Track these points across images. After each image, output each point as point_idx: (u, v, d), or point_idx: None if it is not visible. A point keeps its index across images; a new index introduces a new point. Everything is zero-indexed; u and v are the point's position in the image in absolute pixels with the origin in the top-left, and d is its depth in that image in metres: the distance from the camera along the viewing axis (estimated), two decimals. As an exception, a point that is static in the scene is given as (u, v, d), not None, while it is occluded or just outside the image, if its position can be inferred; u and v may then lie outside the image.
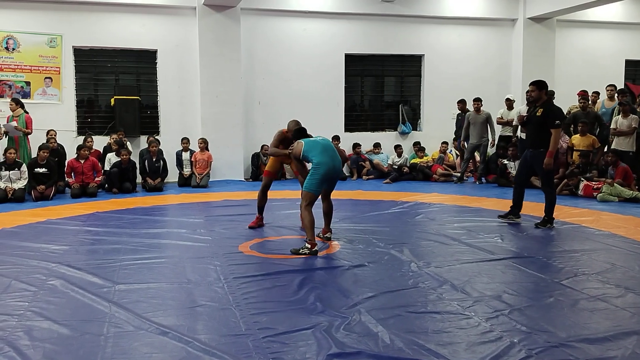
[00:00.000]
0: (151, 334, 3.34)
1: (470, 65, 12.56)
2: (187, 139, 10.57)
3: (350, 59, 12.04)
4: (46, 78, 10.38)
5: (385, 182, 10.67)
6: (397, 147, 11.68)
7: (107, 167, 9.61)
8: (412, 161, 11.47)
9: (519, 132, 9.79)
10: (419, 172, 11.07)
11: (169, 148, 10.55)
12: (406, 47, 12.33)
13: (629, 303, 3.85)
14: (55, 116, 10.25)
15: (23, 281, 4.38)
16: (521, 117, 6.87)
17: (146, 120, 10.99)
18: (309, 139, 5.55)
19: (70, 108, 10.58)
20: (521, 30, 12.51)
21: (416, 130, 12.60)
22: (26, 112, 9.36)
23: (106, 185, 9.52)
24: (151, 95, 11.08)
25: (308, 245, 5.18)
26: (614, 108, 9.64)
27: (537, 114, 6.30)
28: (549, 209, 6.41)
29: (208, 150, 10.50)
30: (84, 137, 9.94)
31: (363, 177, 11.33)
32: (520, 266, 4.82)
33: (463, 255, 5.18)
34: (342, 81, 11.97)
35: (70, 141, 10.20)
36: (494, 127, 10.52)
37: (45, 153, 8.78)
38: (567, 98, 11.06)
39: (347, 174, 11.38)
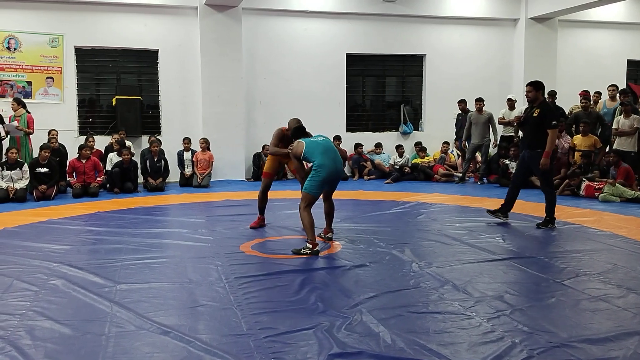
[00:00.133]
0: (152, 334, 3.35)
1: (471, 65, 12.55)
2: (189, 139, 10.57)
3: (351, 59, 12.04)
4: (48, 78, 10.39)
5: (386, 182, 10.67)
6: (399, 147, 11.68)
7: (109, 167, 9.62)
8: (414, 161, 11.47)
9: (520, 133, 9.78)
10: (421, 172, 11.06)
11: (171, 148, 10.55)
12: (408, 47, 12.33)
13: (631, 303, 3.85)
14: (56, 116, 10.26)
15: (25, 281, 4.38)
16: (518, 118, 6.88)
17: (148, 120, 11.01)
18: (310, 140, 5.50)
19: (71, 108, 10.59)
20: (523, 30, 12.50)
21: (417, 130, 12.60)
22: (28, 112, 9.38)
23: (108, 185, 9.54)
24: (153, 95, 11.09)
25: (309, 245, 5.18)
26: (616, 108, 9.63)
27: (534, 115, 6.31)
28: (550, 209, 6.40)
29: (209, 150, 10.50)
30: (86, 137, 9.96)
31: (364, 177, 11.33)
32: (521, 266, 4.81)
33: (464, 255, 5.17)
34: (344, 81, 11.97)
35: (71, 141, 10.22)
36: (496, 128, 10.52)
37: (46, 153, 8.79)
38: (569, 98, 11.06)
39: (349, 174, 11.38)
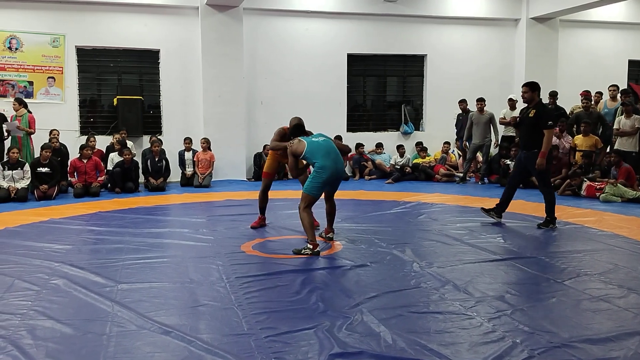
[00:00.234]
0: (153, 333, 3.35)
1: (472, 65, 12.54)
2: (190, 139, 10.58)
3: (352, 59, 12.04)
4: (49, 78, 10.40)
5: (387, 182, 10.66)
6: (400, 147, 11.68)
7: (110, 167, 9.64)
8: (415, 161, 11.47)
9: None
10: (421, 172, 11.06)
11: (172, 148, 10.55)
12: (409, 47, 12.33)
13: (632, 304, 3.85)
14: (58, 116, 10.27)
15: (26, 280, 4.38)
16: (514, 119, 6.88)
17: (149, 120, 11.01)
18: (312, 141, 5.43)
19: (73, 108, 10.60)
20: (524, 30, 12.50)
21: (418, 130, 12.60)
22: (29, 112, 9.40)
23: (109, 184, 9.55)
24: (154, 95, 11.10)
25: (310, 246, 5.17)
26: (617, 108, 9.62)
27: (530, 115, 6.32)
28: (550, 209, 6.40)
29: (210, 150, 10.51)
30: (87, 137, 9.97)
31: (365, 177, 11.33)
32: (522, 266, 4.81)
33: (465, 255, 5.17)
34: (345, 81, 11.97)
35: (73, 141, 10.23)
36: (497, 128, 10.51)
37: (47, 153, 8.79)
38: (570, 98, 11.04)
39: (350, 174, 11.38)
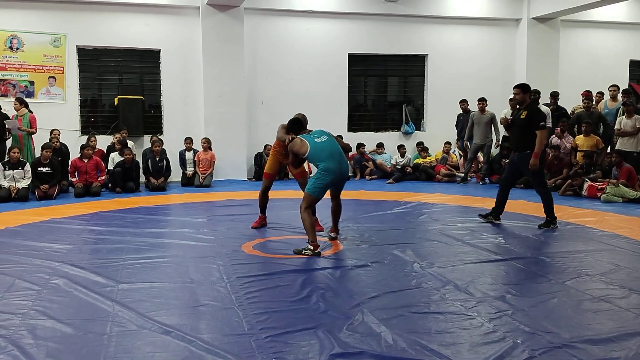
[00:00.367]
0: (154, 333, 3.35)
1: (473, 65, 12.53)
2: (191, 139, 10.58)
3: (353, 59, 12.03)
4: (50, 77, 10.40)
5: (388, 182, 10.66)
6: (400, 147, 11.67)
7: (111, 167, 9.64)
8: (415, 161, 11.47)
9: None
10: (422, 173, 11.05)
11: (172, 148, 10.55)
12: (410, 47, 12.32)
13: (633, 304, 3.84)
14: (59, 115, 10.27)
15: (27, 280, 4.39)
16: (505, 120, 6.88)
17: (149, 119, 11.01)
18: (315, 142, 5.34)
19: (73, 107, 10.61)
20: (525, 30, 12.48)
21: (419, 130, 12.60)
22: (30, 112, 9.40)
23: (109, 184, 9.55)
24: (155, 94, 11.10)
25: (310, 247, 5.16)
26: (618, 109, 9.61)
27: (522, 117, 6.33)
28: (548, 209, 6.40)
29: (211, 149, 10.51)
30: (88, 137, 9.97)
31: (366, 177, 11.32)
32: (523, 267, 4.81)
33: (466, 255, 5.17)
34: (346, 81, 11.96)
35: (73, 140, 10.23)
36: (498, 128, 10.50)
37: (48, 152, 8.79)
38: (571, 98, 11.03)
39: (350, 174, 11.37)
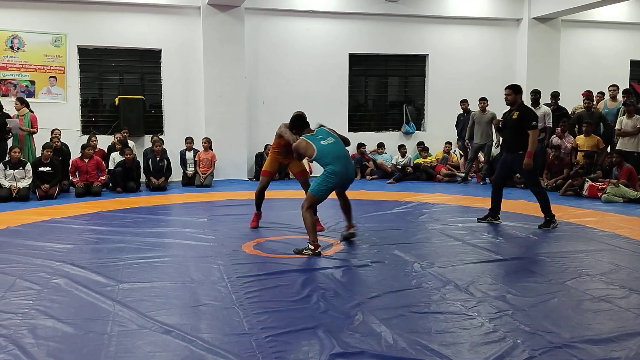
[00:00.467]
0: (155, 333, 3.35)
1: (474, 65, 12.53)
2: (191, 139, 10.58)
3: (354, 59, 12.03)
4: (51, 77, 10.41)
5: (388, 182, 10.66)
6: (401, 147, 11.67)
7: (111, 166, 9.64)
8: (416, 161, 11.47)
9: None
10: (423, 172, 11.05)
11: (173, 147, 10.56)
12: (410, 47, 12.32)
13: (633, 304, 3.84)
14: (59, 115, 10.27)
15: (27, 280, 4.39)
16: (497, 122, 6.88)
17: (150, 119, 11.02)
18: (321, 145, 5.29)
19: (74, 107, 10.61)
20: (526, 30, 12.48)
21: (420, 130, 12.60)
22: (31, 112, 9.41)
23: (110, 184, 9.55)
24: (155, 94, 11.10)
25: (311, 247, 5.16)
26: (619, 109, 9.61)
27: (513, 117, 6.35)
28: (545, 208, 6.39)
29: (212, 149, 10.51)
30: (88, 137, 9.97)
31: (367, 177, 11.32)
32: (523, 267, 4.81)
33: (467, 255, 5.17)
34: (346, 81, 11.96)
35: (74, 140, 10.23)
36: (499, 128, 10.49)
37: (48, 152, 8.80)
38: (572, 98, 11.02)
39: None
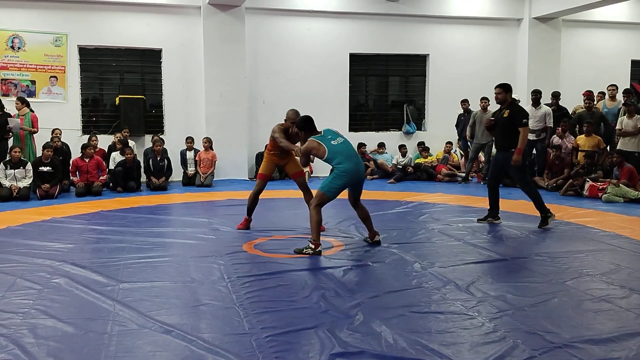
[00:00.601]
0: (155, 333, 3.35)
1: (475, 65, 12.52)
2: (192, 138, 10.59)
3: (354, 59, 12.03)
4: (51, 77, 10.41)
5: (389, 182, 10.66)
6: (402, 147, 11.67)
7: (112, 166, 9.65)
8: (417, 161, 11.47)
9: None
10: (423, 172, 11.05)
11: (173, 147, 10.56)
12: (411, 47, 12.32)
13: (634, 304, 3.84)
14: (60, 115, 10.28)
15: (28, 279, 4.39)
16: (488, 121, 6.86)
17: (151, 119, 11.02)
18: (331, 145, 5.24)
19: (75, 107, 10.62)
20: (526, 30, 12.47)
21: (420, 130, 12.59)
22: (32, 111, 9.42)
23: (111, 184, 9.55)
24: (156, 94, 11.11)
25: (312, 245, 5.16)
26: (619, 109, 9.60)
27: (504, 116, 6.36)
28: (539, 206, 6.38)
29: (212, 149, 10.51)
30: (89, 136, 9.98)
31: (367, 177, 11.30)
32: (524, 266, 4.81)
33: (467, 255, 5.16)
34: (347, 81, 11.96)
35: (75, 140, 10.24)
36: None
37: (49, 152, 8.80)
38: (573, 98, 11.02)
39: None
